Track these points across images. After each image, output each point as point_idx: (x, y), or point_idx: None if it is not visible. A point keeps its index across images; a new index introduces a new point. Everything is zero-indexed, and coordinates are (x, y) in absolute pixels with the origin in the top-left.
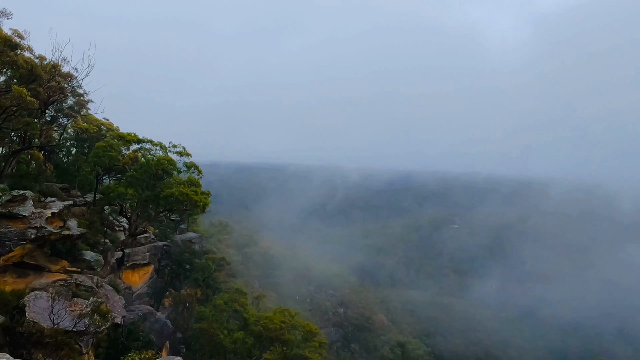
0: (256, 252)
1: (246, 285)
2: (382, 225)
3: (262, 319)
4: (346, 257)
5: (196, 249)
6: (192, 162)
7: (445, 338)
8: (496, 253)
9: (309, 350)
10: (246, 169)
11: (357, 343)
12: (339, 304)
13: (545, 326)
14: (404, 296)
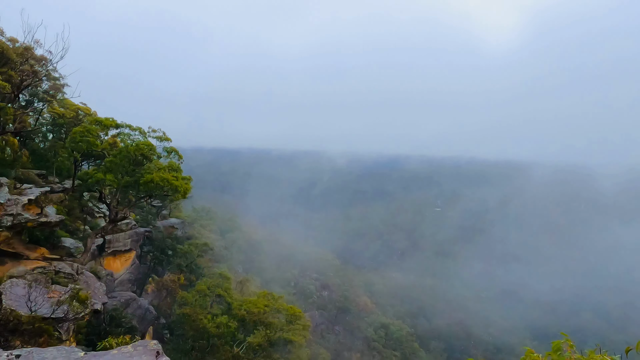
0: (240, 237)
1: (230, 270)
2: (366, 209)
3: (245, 303)
4: (330, 241)
5: (179, 235)
6: (172, 147)
7: (428, 319)
8: (478, 235)
9: (293, 332)
10: (230, 153)
11: (341, 325)
12: (322, 287)
13: (525, 305)
14: (387, 278)
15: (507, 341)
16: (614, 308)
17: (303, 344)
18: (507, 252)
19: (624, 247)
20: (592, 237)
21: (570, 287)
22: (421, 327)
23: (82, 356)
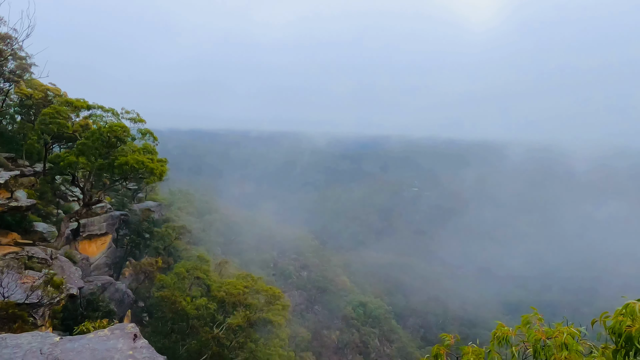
0: (218, 219)
1: (208, 253)
2: (344, 190)
3: (225, 285)
4: (309, 222)
5: (155, 218)
6: (146, 129)
7: (406, 296)
8: (455, 214)
9: (272, 313)
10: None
11: (321, 304)
12: (302, 267)
13: (499, 281)
14: (365, 258)
15: (482, 316)
16: (583, 283)
17: (283, 323)
18: (483, 230)
19: (594, 224)
20: (564, 215)
21: (542, 264)
22: (399, 304)
23: (57, 341)
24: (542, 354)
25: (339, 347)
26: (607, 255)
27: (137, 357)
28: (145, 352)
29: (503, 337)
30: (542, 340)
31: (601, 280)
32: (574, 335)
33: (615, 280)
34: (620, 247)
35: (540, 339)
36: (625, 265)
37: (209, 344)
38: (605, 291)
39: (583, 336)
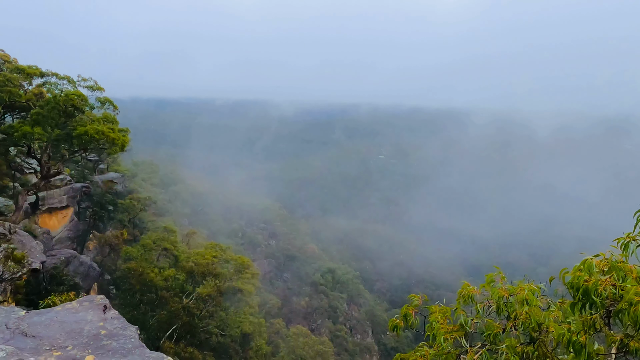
0: (184, 190)
1: (175, 224)
2: (313, 159)
3: (193, 255)
4: (277, 191)
5: (119, 189)
6: (106, 98)
7: (372, 262)
8: (420, 181)
9: (242, 281)
10: (170, 104)
11: (290, 272)
12: (270, 236)
13: (462, 245)
14: (333, 225)
15: (445, 278)
16: (540, 245)
17: (253, 291)
18: (447, 196)
19: (552, 189)
20: (525, 180)
21: (503, 227)
22: (366, 269)
23: (23, 315)
24: (504, 310)
25: (309, 312)
26: (562, 219)
27: (108, 328)
28: (116, 322)
29: (468, 295)
30: (504, 297)
31: (556, 243)
32: (534, 291)
33: (569, 243)
34: (575, 212)
35: (503, 296)
36: (578, 229)
37: (179, 314)
38: (559, 253)
39: (542, 292)
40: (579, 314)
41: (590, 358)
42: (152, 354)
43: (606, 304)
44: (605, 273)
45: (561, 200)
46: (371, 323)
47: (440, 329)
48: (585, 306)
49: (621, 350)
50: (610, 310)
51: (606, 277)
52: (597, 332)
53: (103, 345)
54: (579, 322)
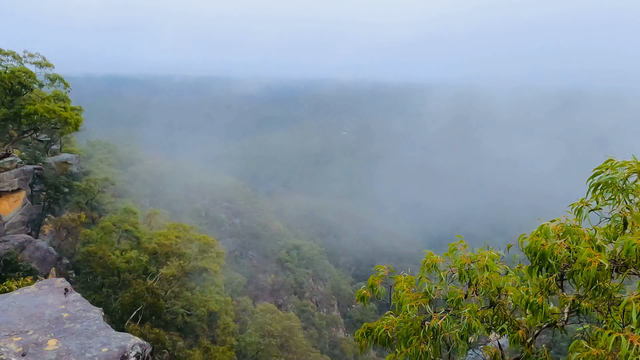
0: (143, 170)
1: (135, 205)
2: (276, 136)
3: (156, 236)
4: (240, 169)
5: (74, 171)
6: (56, 75)
7: (337, 237)
8: (383, 156)
9: (207, 261)
10: (126, 81)
11: (255, 250)
12: (234, 215)
13: (424, 218)
14: (298, 202)
15: (408, 251)
16: (497, 216)
17: (218, 270)
18: (409, 170)
19: (509, 162)
20: (485, 154)
21: (464, 200)
22: (331, 245)
23: None
24: (466, 277)
25: (275, 288)
26: (519, 191)
27: (71, 311)
28: (79, 305)
29: (432, 264)
30: (466, 264)
31: (513, 214)
32: (494, 258)
33: (525, 213)
34: (531, 183)
35: (465, 263)
36: (534, 199)
37: (143, 296)
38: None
39: (501, 259)
40: (536, 276)
41: (546, 318)
42: (118, 335)
43: (561, 267)
44: (560, 237)
45: (519, 172)
46: (337, 297)
47: (405, 298)
48: (542, 269)
49: (573, 310)
50: (563, 273)
51: (561, 241)
52: (551, 294)
53: (66, 328)
54: (536, 284)
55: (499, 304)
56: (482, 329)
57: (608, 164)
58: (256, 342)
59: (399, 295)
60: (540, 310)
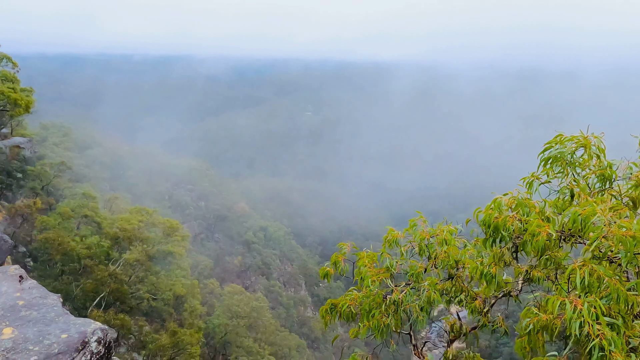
0: (102, 153)
1: (95, 189)
2: (240, 116)
3: (117, 221)
4: (204, 151)
5: (27, 155)
6: (3, 54)
7: (304, 218)
8: (348, 136)
9: (171, 244)
10: (81, 60)
11: (221, 232)
12: (199, 197)
13: (389, 197)
14: (263, 184)
15: (374, 229)
16: (458, 193)
17: (183, 254)
18: (375, 149)
19: (473, 139)
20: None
21: (427, 178)
22: (297, 225)
23: None
24: (426, 251)
25: (242, 270)
26: (481, 168)
27: (27, 298)
28: (35, 292)
29: (393, 240)
30: (426, 239)
31: (474, 190)
32: (452, 232)
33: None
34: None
35: (424, 238)
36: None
37: (106, 282)
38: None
39: (459, 233)
40: (490, 248)
41: (499, 287)
42: (78, 320)
43: (513, 238)
44: (512, 210)
45: (482, 149)
46: (304, 276)
47: (367, 273)
48: (496, 241)
49: (526, 279)
50: (516, 243)
51: (513, 214)
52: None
53: (22, 316)
54: (490, 255)
55: (456, 276)
56: (440, 300)
57: (558, 138)
58: (224, 323)
59: (360, 271)
60: (493, 280)
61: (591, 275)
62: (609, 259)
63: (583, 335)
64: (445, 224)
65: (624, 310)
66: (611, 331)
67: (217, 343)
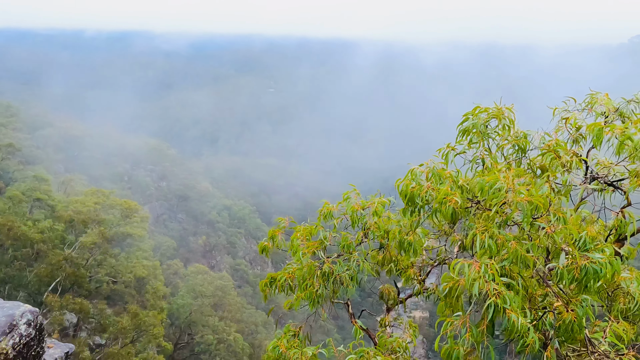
0: (54, 134)
1: (48, 171)
2: (202, 94)
3: (72, 204)
4: (164, 130)
5: None
6: None
7: (269, 196)
8: (313, 113)
9: (130, 226)
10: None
11: (184, 212)
12: (160, 178)
13: (355, 173)
14: (227, 163)
15: None
16: None
17: (143, 235)
18: (340, 126)
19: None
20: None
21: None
22: (263, 204)
23: None
24: (357, 222)
25: (207, 250)
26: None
27: None
28: None
29: (328, 212)
30: (358, 210)
31: None
32: (384, 204)
33: None
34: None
35: (356, 210)
36: None
37: (61, 266)
38: None
39: (393, 205)
40: (409, 217)
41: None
42: (6, 304)
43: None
44: (428, 180)
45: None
46: None
47: (299, 246)
48: (415, 210)
49: (461, 248)
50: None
51: (427, 183)
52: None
53: None
54: (408, 224)
55: (386, 246)
56: (369, 270)
57: (476, 110)
58: (188, 303)
59: (293, 244)
60: (410, 248)
61: (492, 239)
62: (514, 223)
63: (481, 295)
64: (378, 196)
65: (523, 271)
66: (507, 290)
67: (182, 323)
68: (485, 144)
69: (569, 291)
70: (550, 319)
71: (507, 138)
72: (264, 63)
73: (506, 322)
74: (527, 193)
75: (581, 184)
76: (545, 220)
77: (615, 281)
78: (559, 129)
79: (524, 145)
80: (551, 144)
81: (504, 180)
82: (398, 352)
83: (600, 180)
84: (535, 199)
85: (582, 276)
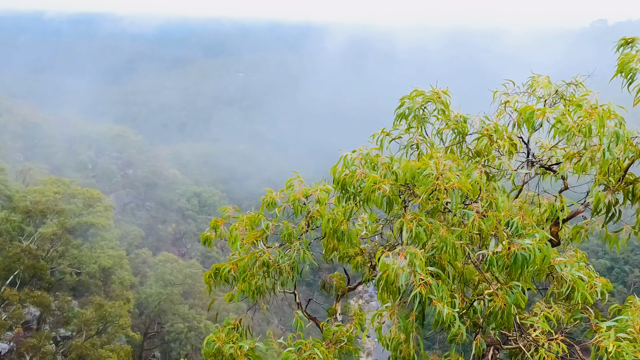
0: (12, 121)
1: (6, 160)
2: (168, 78)
3: (30, 194)
4: (130, 116)
5: None
6: None
7: (239, 182)
8: (281, 97)
9: (93, 215)
10: None
11: (153, 200)
12: (126, 165)
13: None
14: (195, 149)
15: None
16: None
17: (108, 225)
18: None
19: None
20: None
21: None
22: (233, 190)
23: None
24: (300, 211)
25: (177, 238)
26: None
27: None
28: None
29: (271, 201)
30: (300, 198)
31: None
32: (329, 191)
33: None
34: None
35: (297, 198)
36: None
37: (19, 258)
38: None
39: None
40: (342, 205)
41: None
42: None
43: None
44: (362, 167)
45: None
46: None
47: (237, 236)
48: (349, 198)
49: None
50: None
51: (360, 170)
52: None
53: None
54: (341, 212)
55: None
56: (311, 259)
57: (413, 94)
58: (158, 292)
59: (232, 234)
60: (344, 235)
61: (421, 227)
62: (445, 209)
63: (407, 285)
64: (322, 184)
65: (454, 259)
66: (435, 279)
67: (152, 312)
68: (422, 128)
69: (501, 278)
70: (480, 307)
71: (447, 122)
72: (234, 47)
73: (433, 312)
74: (458, 180)
75: (515, 169)
76: (476, 207)
77: (551, 265)
78: (500, 113)
79: (463, 129)
80: (489, 128)
81: (434, 167)
82: (342, 342)
83: (536, 165)
84: (463, 184)
85: (512, 263)
